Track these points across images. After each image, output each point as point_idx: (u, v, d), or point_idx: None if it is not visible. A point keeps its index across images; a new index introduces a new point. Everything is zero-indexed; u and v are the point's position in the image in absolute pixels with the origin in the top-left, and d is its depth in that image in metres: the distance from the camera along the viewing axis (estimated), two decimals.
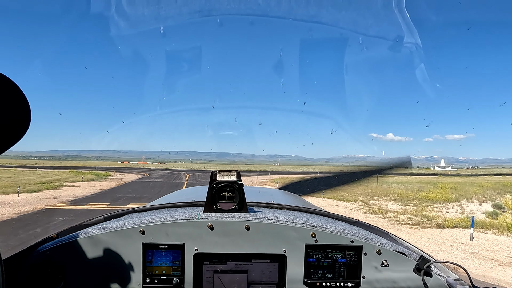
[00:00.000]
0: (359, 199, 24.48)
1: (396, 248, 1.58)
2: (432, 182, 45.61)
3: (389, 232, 1.90)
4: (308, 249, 1.57)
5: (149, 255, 1.54)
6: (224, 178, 1.63)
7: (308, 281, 1.57)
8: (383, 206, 20.85)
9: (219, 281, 1.55)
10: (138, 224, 1.56)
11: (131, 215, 1.83)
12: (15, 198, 18.95)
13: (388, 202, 22.96)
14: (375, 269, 1.57)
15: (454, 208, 19.92)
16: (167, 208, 1.90)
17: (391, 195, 26.84)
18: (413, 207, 20.20)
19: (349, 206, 20.61)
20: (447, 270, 1.60)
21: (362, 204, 21.95)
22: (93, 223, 1.76)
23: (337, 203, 21.76)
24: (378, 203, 22.49)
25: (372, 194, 27.33)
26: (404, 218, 15.70)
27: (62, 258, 1.50)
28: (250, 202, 1.82)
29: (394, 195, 26.34)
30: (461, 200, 23.95)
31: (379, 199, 24.67)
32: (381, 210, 18.55)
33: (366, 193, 29.13)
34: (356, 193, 29.01)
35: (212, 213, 1.63)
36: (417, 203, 21.96)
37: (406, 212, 18.01)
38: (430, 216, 16.35)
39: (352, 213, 17.08)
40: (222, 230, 1.56)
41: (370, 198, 24.89)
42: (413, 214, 17.21)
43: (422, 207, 20.04)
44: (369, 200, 23.74)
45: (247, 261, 1.57)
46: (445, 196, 25.17)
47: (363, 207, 20.25)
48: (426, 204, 21.70)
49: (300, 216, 1.72)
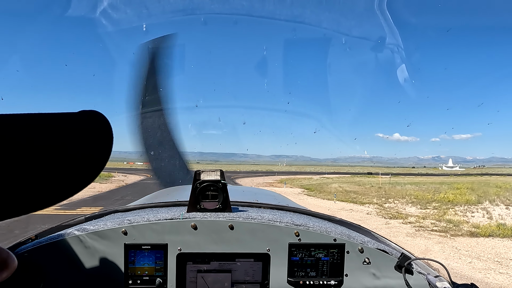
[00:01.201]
0: (373, 202, 22.86)
1: (378, 246, 1.60)
2: (445, 183, 43.72)
3: (371, 230, 1.91)
4: (291, 248, 1.57)
5: (131, 255, 1.52)
6: (208, 177, 1.63)
7: (291, 280, 1.57)
8: (400, 209, 19.22)
9: (203, 281, 1.55)
10: (120, 224, 1.53)
11: (113, 215, 1.77)
12: None
13: (405, 205, 21.30)
14: (358, 267, 1.58)
15: (479, 212, 18.19)
16: (149, 208, 1.87)
17: (407, 197, 25.15)
18: (433, 211, 18.52)
19: (364, 209, 19.01)
20: (428, 267, 1.65)
21: (378, 207, 20.34)
22: (74, 223, 1.71)
23: (351, 207, 20.17)
24: (394, 206, 20.85)
25: (387, 196, 25.67)
26: (428, 224, 14.08)
27: (42, 260, 1.46)
28: (234, 201, 1.80)
29: (410, 197, 24.64)
30: (483, 202, 22.18)
31: (394, 201, 23.02)
32: (400, 214, 16.93)
33: (380, 195, 27.49)
34: (369, 195, 27.39)
35: (196, 212, 1.62)
36: (436, 206, 20.27)
37: (427, 216, 16.37)
38: (455, 221, 14.71)
39: (369, 219, 15.50)
40: (206, 229, 1.55)
41: (385, 201, 23.26)
42: (436, 218, 15.56)
43: (443, 210, 18.35)
44: (385, 203, 22.11)
45: (231, 261, 1.56)
46: (465, 198, 23.42)
47: (380, 210, 18.64)
48: (446, 206, 19.99)
49: (284, 215, 1.73)
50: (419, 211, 18.42)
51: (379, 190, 31.02)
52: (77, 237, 1.49)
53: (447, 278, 1.46)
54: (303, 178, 54.80)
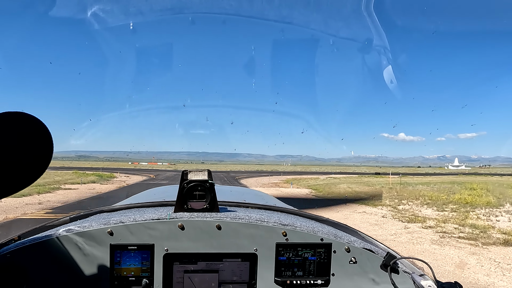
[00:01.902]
0: (386, 203, 21.58)
1: (364, 246, 1.61)
2: (456, 182, 42.13)
3: (357, 229, 1.89)
4: (279, 247, 1.57)
5: (117, 256, 1.50)
6: (195, 177, 1.61)
7: (278, 280, 1.57)
8: (416, 211, 17.92)
9: (190, 281, 1.53)
10: (106, 224, 1.51)
11: (99, 215, 1.76)
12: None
13: (420, 206, 19.99)
14: (344, 266, 1.59)
15: (503, 215, 16.82)
16: (136, 208, 1.84)
17: (421, 198, 23.81)
18: (452, 213, 17.18)
19: (378, 212, 17.75)
20: (413, 266, 1.64)
21: (391, 209, 19.06)
22: (58, 224, 1.69)
23: (364, 209, 18.92)
24: (409, 208, 19.54)
25: (399, 197, 24.34)
26: (451, 229, 12.79)
27: (25, 261, 1.43)
28: (221, 201, 1.79)
29: (424, 198, 23.30)
30: (504, 204, 20.77)
31: (408, 202, 21.70)
32: (417, 217, 15.64)
33: (392, 195, 26.16)
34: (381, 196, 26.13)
35: (183, 212, 1.60)
36: (454, 208, 18.91)
37: (447, 219, 15.06)
38: (481, 226, 13.40)
39: (386, 222, 14.26)
40: (193, 230, 1.54)
41: (398, 202, 21.95)
42: (458, 222, 14.26)
43: (463, 213, 17.01)
44: (398, 205, 20.81)
45: (218, 261, 1.55)
46: (484, 200, 22.00)
47: (395, 213, 17.37)
48: (465, 209, 18.63)
49: (271, 215, 1.73)
50: (436, 214, 17.10)
51: (390, 190, 29.67)
52: (61, 237, 1.46)
53: (431, 277, 1.46)
54: (309, 178, 53.48)
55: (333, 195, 27.17)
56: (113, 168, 77.04)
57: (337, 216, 16.37)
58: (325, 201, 23.14)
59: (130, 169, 79.74)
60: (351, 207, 20.02)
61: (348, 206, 20.24)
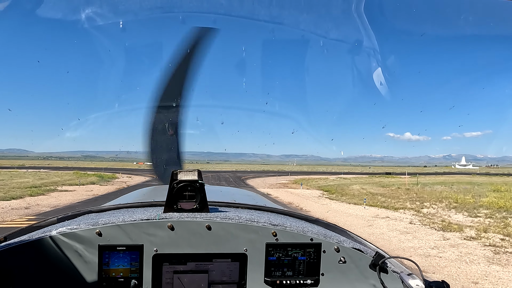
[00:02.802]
0: (407, 207, 19.63)
1: (354, 245, 1.62)
2: (473, 182, 39.90)
3: (347, 229, 1.91)
4: (269, 247, 1.57)
5: (105, 257, 1.48)
6: (185, 177, 1.61)
7: (268, 280, 1.57)
8: (444, 216, 15.97)
9: (179, 281, 1.53)
10: (95, 225, 1.50)
11: (87, 216, 1.76)
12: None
13: (447, 210, 18.01)
14: (334, 266, 1.60)
15: None
16: (125, 208, 1.83)
17: (444, 200, 21.81)
18: (488, 220, 15.19)
19: (402, 217, 15.83)
20: (401, 265, 1.66)
21: (415, 213, 17.12)
22: (45, 225, 1.68)
23: (386, 213, 17.00)
24: (435, 212, 17.58)
25: (420, 200, 22.36)
26: (497, 240, 10.86)
27: (11, 263, 1.41)
28: (211, 201, 1.78)
29: (448, 201, 21.28)
30: None
31: (432, 206, 19.73)
32: (450, 224, 13.68)
33: (411, 197, 24.19)
34: (399, 198, 24.12)
35: (173, 213, 1.60)
36: (488, 213, 16.90)
37: (487, 228, 13.09)
38: None
39: (417, 230, 12.33)
40: (183, 230, 1.53)
41: (421, 205, 19.99)
42: (501, 232, 12.28)
43: (500, 220, 15.01)
44: (421, 208, 18.86)
45: (208, 261, 1.55)
46: None
47: (421, 218, 15.44)
48: (501, 214, 16.60)
49: (261, 215, 1.73)
50: (470, 220, 15.13)
51: (408, 192, 27.64)
52: (48, 238, 1.44)
53: (419, 276, 1.47)
54: (318, 178, 51.47)
55: (348, 196, 25.24)
56: (117, 168, 75.77)
57: (360, 223, 14.61)
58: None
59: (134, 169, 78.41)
60: (371, 211, 18.12)
61: (367, 210, 18.34)
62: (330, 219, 15.93)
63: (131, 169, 77.61)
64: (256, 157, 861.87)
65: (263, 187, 33.22)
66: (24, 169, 61.66)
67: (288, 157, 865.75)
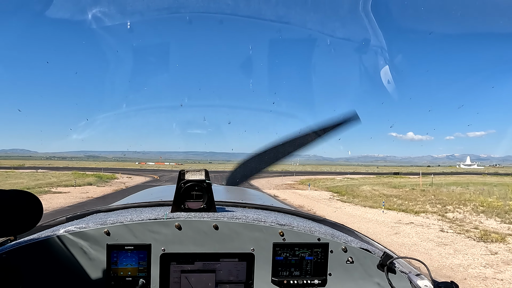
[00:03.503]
0: (429, 210, 17.95)
1: (361, 245, 1.61)
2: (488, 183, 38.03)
3: (354, 229, 1.90)
4: (276, 247, 1.57)
5: (114, 256, 1.48)
6: (192, 177, 1.61)
7: (275, 279, 1.57)
8: (475, 222, 14.30)
9: (186, 281, 1.53)
10: (103, 224, 1.50)
11: (95, 215, 1.75)
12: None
13: (474, 215, 16.32)
14: (341, 266, 1.59)
15: None
16: (133, 208, 1.84)
17: (467, 203, 20.10)
18: None
19: (427, 222, 14.17)
20: (409, 265, 1.66)
21: (441, 218, 15.46)
22: (55, 224, 1.70)
23: (408, 218, 15.32)
24: (461, 216, 15.90)
25: (440, 202, 20.64)
26: None
27: (20, 261, 1.42)
28: (218, 201, 1.78)
29: (473, 204, 19.57)
30: None
31: (456, 209, 18.03)
32: (487, 232, 12.01)
33: (429, 199, 22.49)
34: (416, 200, 22.42)
35: (180, 212, 1.60)
36: None
37: None
38: None
39: (453, 240, 10.66)
40: (190, 229, 1.53)
41: (443, 208, 18.30)
42: None
43: None
44: (445, 212, 17.17)
45: (215, 261, 1.55)
46: None
47: (449, 224, 13.77)
48: None
49: (269, 214, 1.73)
50: (506, 227, 13.43)
51: (425, 193, 25.92)
52: (58, 237, 1.45)
53: (428, 276, 1.46)
54: (324, 178, 49.74)
55: (360, 198, 23.58)
56: (118, 168, 74.43)
57: (384, 231, 13.01)
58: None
59: (136, 169, 77.03)
60: (390, 215, 16.46)
61: (386, 214, 16.69)
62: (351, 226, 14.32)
63: (133, 169, 76.19)
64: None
65: (268, 188, 31.61)
66: (24, 169, 60.45)
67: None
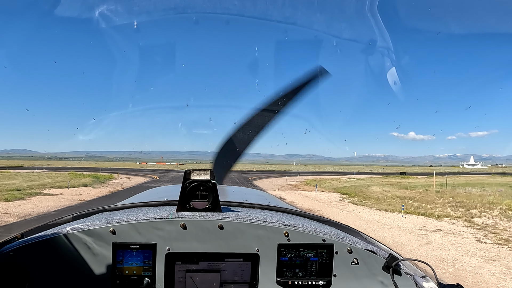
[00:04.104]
0: (451, 214, 16.35)
1: (366, 247, 1.60)
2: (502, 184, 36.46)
3: (359, 230, 1.88)
4: (281, 248, 1.57)
5: (119, 255, 1.49)
6: (198, 177, 1.61)
7: (280, 280, 1.57)
8: (510, 229, 12.70)
9: (191, 280, 1.53)
10: (109, 223, 1.51)
11: (101, 214, 1.75)
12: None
13: (505, 220, 14.71)
14: (346, 267, 1.58)
15: None
16: (138, 207, 1.84)
17: (492, 206, 18.48)
18: None
19: (457, 230, 12.57)
20: (415, 267, 1.63)
21: (469, 224, 13.86)
22: (61, 222, 1.69)
23: (432, 224, 13.70)
24: (492, 222, 14.30)
25: (463, 206, 19.00)
26: None
27: (27, 259, 1.43)
28: (223, 201, 1.78)
29: (500, 207, 17.93)
30: None
31: (482, 213, 16.42)
32: None
33: (447, 202, 20.89)
34: (434, 203, 20.81)
35: (185, 212, 1.60)
36: None
37: None
38: None
39: (500, 254, 9.05)
40: (195, 229, 1.54)
41: (467, 213, 16.69)
42: None
43: None
44: (472, 217, 15.56)
45: (220, 261, 1.55)
46: None
47: (484, 233, 12.17)
48: None
49: (274, 215, 1.72)
50: None
51: (441, 195, 24.29)
52: (64, 236, 1.45)
53: (433, 278, 1.45)
54: (329, 179, 48.08)
55: (372, 201, 21.98)
56: (118, 169, 73.00)
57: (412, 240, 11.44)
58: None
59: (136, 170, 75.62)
60: (411, 220, 14.87)
61: (406, 219, 15.09)
62: (371, 233, 12.84)
63: (134, 169, 74.76)
64: (260, 157, 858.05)
65: (273, 189, 30.05)
66: (22, 169, 59.10)
67: (292, 157, 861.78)
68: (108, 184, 30.76)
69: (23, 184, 26.60)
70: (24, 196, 19.44)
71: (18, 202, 17.34)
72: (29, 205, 16.38)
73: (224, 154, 3.27)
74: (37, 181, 30.02)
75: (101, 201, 18.52)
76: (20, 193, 20.68)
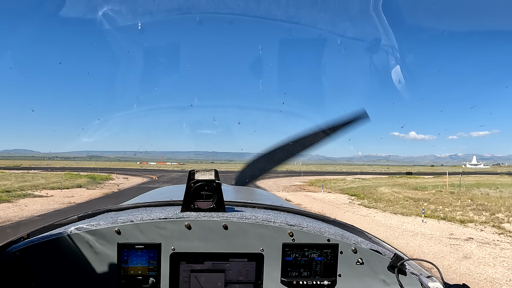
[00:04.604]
0: (475, 219, 14.91)
1: (371, 247, 1.58)
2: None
3: (364, 230, 1.87)
4: (285, 248, 1.56)
5: (124, 255, 1.48)
6: (202, 177, 1.60)
7: (285, 280, 1.55)
8: None
9: (196, 280, 1.52)
10: (114, 223, 1.50)
11: (106, 214, 1.74)
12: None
13: None
14: (351, 267, 1.56)
15: None
16: (143, 207, 1.84)
17: None
18: None
19: (490, 238, 11.13)
20: (420, 267, 1.61)
21: (501, 231, 12.42)
22: (66, 222, 1.68)
23: (459, 230, 12.24)
24: None
25: (485, 209, 17.54)
26: None
27: (33, 259, 1.42)
28: (228, 201, 1.76)
29: None
30: None
31: (510, 218, 14.96)
32: None
33: (467, 205, 19.44)
34: (452, 205, 19.37)
35: (190, 212, 1.59)
36: None
37: None
38: None
39: None
40: (200, 229, 1.53)
41: (492, 217, 15.23)
42: None
43: None
44: (499, 222, 14.11)
45: (225, 261, 1.54)
46: None
47: None
48: None
49: (278, 215, 1.71)
50: None
51: (458, 197, 22.82)
52: (69, 236, 1.45)
53: (439, 278, 1.45)
54: (334, 179, 46.62)
55: (383, 203, 20.54)
56: (117, 168, 71.66)
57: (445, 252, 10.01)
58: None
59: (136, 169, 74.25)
60: (432, 225, 13.43)
61: (427, 225, 13.65)
62: (394, 242, 11.45)
63: (133, 169, 73.42)
64: None
65: (277, 190, 28.64)
66: (19, 169, 57.83)
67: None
68: (104, 185, 29.35)
69: (15, 185, 25.27)
70: (12, 199, 18.09)
71: (4, 205, 16.01)
72: (14, 208, 15.00)
73: (264, 160, 3.25)
74: (30, 182, 28.67)
75: (93, 204, 17.10)
76: (8, 195, 19.33)
